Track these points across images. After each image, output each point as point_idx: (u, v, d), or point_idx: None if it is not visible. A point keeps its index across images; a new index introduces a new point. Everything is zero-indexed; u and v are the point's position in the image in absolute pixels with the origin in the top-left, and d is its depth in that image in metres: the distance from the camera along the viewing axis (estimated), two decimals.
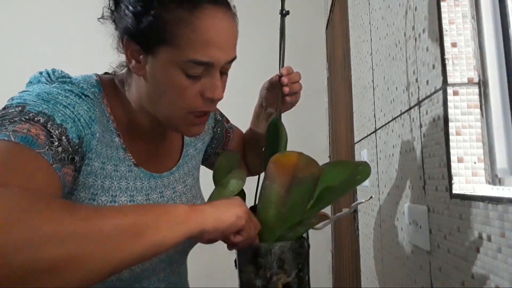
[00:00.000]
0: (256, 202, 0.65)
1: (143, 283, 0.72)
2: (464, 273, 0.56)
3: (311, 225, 0.64)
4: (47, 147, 0.54)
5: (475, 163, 0.60)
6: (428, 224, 0.70)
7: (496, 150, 0.59)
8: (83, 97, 0.64)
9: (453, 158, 0.61)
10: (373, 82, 1.15)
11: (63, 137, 0.57)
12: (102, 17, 0.68)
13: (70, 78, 0.65)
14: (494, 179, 0.59)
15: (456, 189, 0.60)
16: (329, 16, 2.37)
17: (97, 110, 0.65)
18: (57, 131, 0.56)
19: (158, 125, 0.73)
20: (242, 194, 0.67)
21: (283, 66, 0.81)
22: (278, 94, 0.81)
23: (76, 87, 0.64)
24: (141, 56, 0.64)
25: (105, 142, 0.66)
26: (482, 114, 0.61)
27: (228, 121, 0.98)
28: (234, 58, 0.67)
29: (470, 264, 0.55)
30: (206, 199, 0.63)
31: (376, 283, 1.15)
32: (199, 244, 0.65)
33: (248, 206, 0.68)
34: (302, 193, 0.60)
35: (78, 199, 0.63)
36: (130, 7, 0.63)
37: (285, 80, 0.80)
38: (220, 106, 0.96)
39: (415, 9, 0.76)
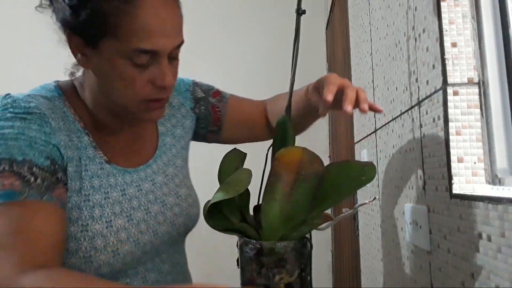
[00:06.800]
0: (261, 201, 0.65)
1: (147, 265, 0.73)
2: (464, 273, 0.56)
3: (315, 225, 0.64)
4: (27, 189, 0.57)
5: (475, 163, 0.60)
6: (428, 224, 0.70)
7: (496, 150, 0.59)
8: (28, 117, 0.62)
9: (453, 158, 0.61)
10: (373, 82, 1.15)
11: (34, 169, 0.59)
12: (40, 5, 0.66)
13: (11, 101, 0.63)
14: (494, 179, 0.59)
15: (456, 189, 0.60)
16: (329, 16, 2.37)
17: (53, 119, 0.64)
18: (25, 168, 0.59)
19: (117, 117, 0.71)
20: (246, 193, 0.66)
21: (295, 65, 0.78)
22: (290, 90, 0.79)
23: (18, 108, 0.62)
24: (85, 49, 0.63)
25: (73, 146, 0.66)
26: (482, 114, 0.61)
27: (217, 94, 0.89)
28: (181, 43, 0.66)
29: (470, 264, 0.55)
30: (211, 197, 0.61)
31: (376, 283, 1.15)
32: (199, 245, 0.64)
33: (252, 205, 0.67)
34: (306, 191, 0.59)
35: None
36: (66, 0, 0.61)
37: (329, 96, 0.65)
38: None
39: (415, 9, 0.76)
